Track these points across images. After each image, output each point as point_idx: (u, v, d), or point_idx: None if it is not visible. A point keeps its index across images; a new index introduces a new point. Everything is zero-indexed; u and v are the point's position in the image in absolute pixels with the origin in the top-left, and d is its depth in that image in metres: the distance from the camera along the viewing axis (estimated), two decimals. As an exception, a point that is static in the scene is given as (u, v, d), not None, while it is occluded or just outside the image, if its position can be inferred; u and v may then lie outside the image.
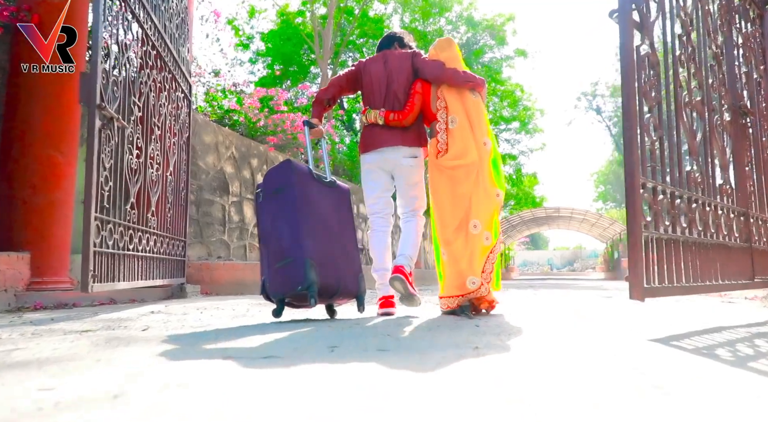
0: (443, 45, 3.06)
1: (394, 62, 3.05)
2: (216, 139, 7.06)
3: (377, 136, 2.96)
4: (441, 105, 2.95)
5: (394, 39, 3.29)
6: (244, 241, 7.61)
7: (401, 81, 3.02)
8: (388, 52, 3.15)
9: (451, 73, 2.93)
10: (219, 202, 7.07)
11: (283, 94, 8.20)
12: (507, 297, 5.32)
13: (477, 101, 2.96)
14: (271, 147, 7.92)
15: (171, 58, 4.72)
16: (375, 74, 3.07)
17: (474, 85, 2.97)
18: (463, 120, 2.88)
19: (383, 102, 3.01)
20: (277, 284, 2.54)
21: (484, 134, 2.93)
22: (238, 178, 7.54)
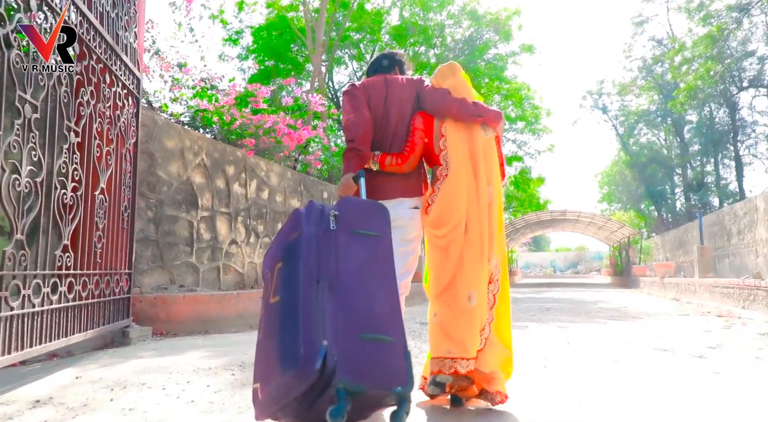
0: (446, 71, 2.46)
1: (396, 91, 2.43)
2: (182, 144, 6.03)
3: (375, 187, 2.33)
4: (444, 144, 2.34)
5: (395, 61, 2.61)
6: (216, 262, 6.57)
7: (404, 115, 2.41)
8: (390, 78, 2.47)
9: (456, 104, 2.34)
10: (185, 217, 6.03)
11: (263, 90, 7.15)
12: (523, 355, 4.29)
13: (489, 141, 2.39)
14: (250, 151, 6.88)
15: (101, 43, 3.69)
16: (373, 100, 2.41)
17: (486, 120, 2.38)
18: (461, 165, 2.29)
19: (380, 140, 2.40)
20: (356, 364, 1.54)
21: (493, 183, 2.33)
22: (209, 188, 6.50)
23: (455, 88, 2.39)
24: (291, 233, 1.80)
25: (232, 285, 6.87)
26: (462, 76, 2.44)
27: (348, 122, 2.31)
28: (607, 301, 10.01)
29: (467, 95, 2.39)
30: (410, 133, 2.36)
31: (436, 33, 18.24)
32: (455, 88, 2.38)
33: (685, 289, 11.69)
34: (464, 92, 2.39)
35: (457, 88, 2.39)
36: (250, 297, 5.56)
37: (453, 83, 2.40)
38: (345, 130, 2.33)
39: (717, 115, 24.01)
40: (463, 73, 2.47)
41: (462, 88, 2.40)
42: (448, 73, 2.43)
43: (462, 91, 2.39)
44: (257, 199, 7.56)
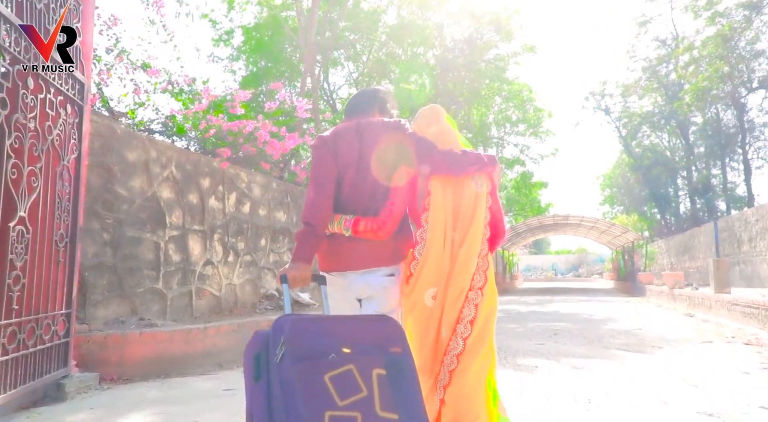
0: (429, 117, 2.19)
1: (372, 141, 2.05)
2: (146, 156, 5.36)
3: (343, 254, 2.06)
4: (428, 203, 2.06)
5: (375, 100, 2.24)
6: (188, 287, 5.90)
7: (380, 165, 2.07)
8: (365, 124, 2.10)
9: (444, 160, 2.05)
10: (150, 238, 5.36)
11: (242, 94, 6.48)
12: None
13: (481, 195, 2.07)
14: (224, 162, 6.20)
15: (19, 40, 3.02)
16: (344, 156, 2.05)
17: (478, 170, 2.08)
18: (440, 230, 2.01)
19: (355, 201, 2.07)
20: None
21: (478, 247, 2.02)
22: (179, 204, 5.83)
23: (440, 135, 2.09)
24: None
25: (206, 310, 6.20)
26: (447, 121, 2.16)
27: (308, 201, 1.99)
28: (617, 319, 9.34)
29: (454, 142, 2.09)
30: (390, 192, 2.01)
31: (435, 33, 17.57)
32: (440, 136, 2.09)
33: (698, 303, 11.02)
34: (450, 140, 2.09)
35: (442, 136, 2.09)
36: (219, 331, 4.89)
37: (438, 130, 2.10)
38: (304, 208, 2.00)
39: (724, 117, 23.35)
40: (447, 117, 2.19)
41: (448, 135, 2.11)
42: (432, 118, 2.15)
43: (448, 138, 2.10)
44: (237, 214, 6.89)
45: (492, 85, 18.00)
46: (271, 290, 7.46)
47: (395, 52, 17.85)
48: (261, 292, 7.35)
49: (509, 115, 20.80)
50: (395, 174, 2.02)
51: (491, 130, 21.34)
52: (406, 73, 17.70)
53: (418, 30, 16.98)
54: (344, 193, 2.03)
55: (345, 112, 2.25)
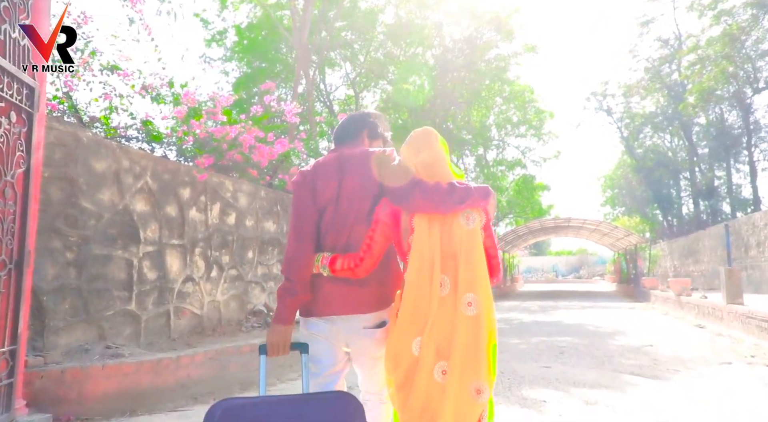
0: (419, 142, 1.96)
1: (354, 173, 1.92)
2: (117, 166, 4.91)
3: (325, 298, 1.87)
4: (412, 241, 1.82)
5: (363, 125, 2.11)
6: (165, 306, 5.45)
7: (361, 203, 1.91)
8: (348, 152, 1.99)
9: (427, 199, 1.80)
10: (121, 256, 4.91)
11: (223, 99, 6.02)
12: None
13: (472, 232, 1.82)
14: (203, 174, 5.75)
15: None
16: (323, 193, 1.92)
17: (470, 206, 1.83)
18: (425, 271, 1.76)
19: (334, 239, 1.91)
20: None
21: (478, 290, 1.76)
22: (156, 217, 5.38)
23: (429, 164, 1.90)
24: None
25: (187, 331, 5.75)
26: (438, 147, 1.95)
27: (287, 253, 1.89)
28: (625, 332, 8.89)
29: (444, 172, 1.90)
30: (370, 227, 1.86)
31: (434, 32, 17.14)
32: (429, 165, 1.90)
33: (708, 313, 10.57)
34: (439, 170, 1.90)
35: (432, 165, 1.90)
36: (194, 360, 4.44)
37: (428, 158, 1.91)
38: (284, 260, 1.89)
39: (729, 118, 22.91)
40: (441, 141, 1.97)
41: (438, 164, 1.91)
42: (422, 144, 1.94)
43: (437, 168, 1.90)
44: (221, 225, 6.44)
45: (492, 86, 17.58)
46: (259, 305, 7.02)
47: (393, 52, 17.43)
48: (248, 308, 6.91)
49: (510, 116, 20.36)
50: (379, 206, 1.86)
51: (491, 131, 20.90)
52: (404, 73, 17.29)
53: (417, 29, 16.56)
54: (323, 229, 1.90)
55: (333, 140, 2.12)
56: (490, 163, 21.99)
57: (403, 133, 12.54)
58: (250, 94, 15.67)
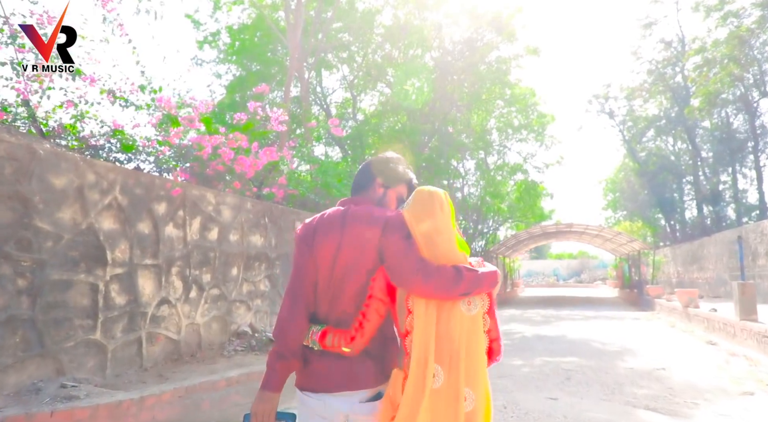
0: (423, 207, 1.75)
1: (354, 236, 1.74)
2: (80, 181, 4.45)
3: (315, 373, 1.75)
4: (410, 325, 1.64)
5: (377, 172, 1.90)
6: (136, 333, 4.99)
7: (359, 274, 1.73)
8: (352, 212, 1.78)
9: (429, 284, 1.62)
10: (84, 280, 4.45)
11: (201, 105, 5.56)
12: None
13: (474, 319, 1.66)
14: (176, 188, 5.28)
15: None
16: (321, 253, 1.77)
17: (473, 290, 1.65)
18: (421, 361, 1.59)
19: (326, 309, 1.76)
20: None
21: (477, 384, 1.62)
22: (126, 236, 4.92)
23: (433, 236, 1.75)
24: None
25: (161, 358, 5.29)
26: (443, 215, 1.77)
27: (280, 315, 1.77)
28: (633, 350, 8.41)
29: (447, 247, 1.74)
30: (364, 302, 1.73)
31: (433, 34, 16.68)
32: (433, 237, 1.75)
33: (719, 328, 10.10)
34: (444, 244, 1.74)
35: (435, 238, 1.75)
36: (161, 400, 3.98)
37: (430, 229, 1.75)
38: (276, 322, 1.79)
39: (734, 121, 22.45)
40: (449, 204, 1.81)
41: (442, 237, 1.75)
42: (427, 210, 1.77)
43: (441, 242, 1.74)
44: (201, 242, 5.98)
45: (493, 89, 17.12)
46: (243, 326, 6.55)
47: (391, 54, 16.98)
48: (231, 329, 6.44)
49: (511, 119, 19.89)
50: (374, 278, 1.72)
51: (492, 134, 20.44)
52: (403, 76, 16.84)
53: (416, 31, 16.11)
54: (318, 295, 1.78)
55: None
56: (491, 168, 21.54)
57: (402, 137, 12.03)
58: (244, 97, 15.22)
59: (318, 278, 1.77)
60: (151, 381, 4.66)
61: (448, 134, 16.80)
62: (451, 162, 17.90)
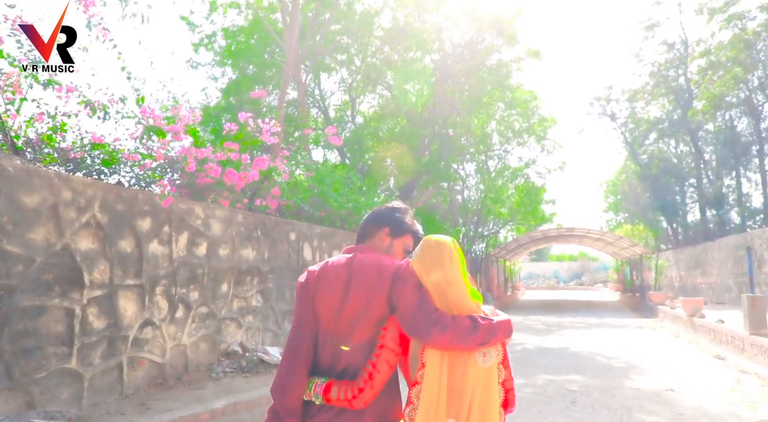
0: (432, 257, 1.72)
1: (362, 285, 1.71)
2: (55, 199, 4.17)
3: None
4: (421, 376, 1.63)
5: (384, 221, 1.91)
6: (117, 358, 4.71)
7: (365, 326, 1.70)
8: (359, 260, 1.77)
9: (446, 335, 1.59)
10: (58, 305, 4.16)
11: (187, 116, 5.28)
12: None
13: (489, 371, 1.64)
14: (169, 198, 5.01)
15: None
16: (324, 301, 1.74)
17: (489, 341, 1.64)
18: (431, 414, 1.56)
19: (329, 360, 1.72)
20: None
21: None
22: (105, 255, 4.63)
23: (443, 287, 1.68)
24: None
25: (144, 383, 5.00)
26: (452, 265, 1.70)
27: (279, 371, 1.72)
28: (639, 367, 8.12)
29: (459, 298, 1.66)
30: (374, 352, 1.67)
31: (433, 36, 16.40)
32: (443, 288, 1.68)
33: (726, 340, 9.82)
34: (456, 295, 1.66)
35: (445, 288, 1.67)
36: (137, 440, 3.69)
37: (440, 280, 1.68)
38: (275, 377, 1.73)
39: (738, 125, 22.16)
40: (457, 253, 1.73)
41: (452, 288, 1.65)
42: (436, 261, 1.70)
43: (453, 293, 1.65)
44: (188, 258, 5.70)
45: (493, 93, 16.83)
46: (234, 345, 6.27)
47: (391, 56, 16.69)
48: (221, 348, 6.16)
49: (512, 123, 19.60)
50: (386, 328, 1.69)
51: (492, 137, 20.14)
52: (402, 79, 16.56)
53: (415, 33, 15.82)
54: (321, 343, 1.74)
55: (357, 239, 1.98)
56: (491, 172, 21.25)
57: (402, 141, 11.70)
58: (240, 101, 14.94)
59: (320, 328, 1.74)
60: (131, 410, 4.38)
61: (448, 138, 16.52)
62: (451, 165, 17.60)
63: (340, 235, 9.58)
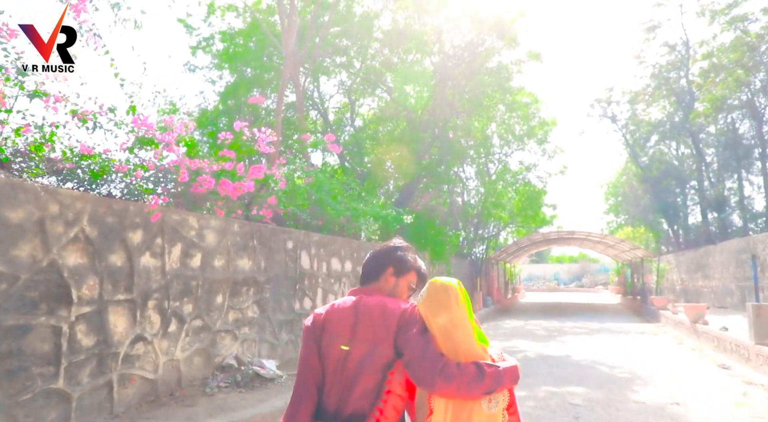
0: (435, 301, 1.70)
1: (367, 328, 1.73)
2: (41, 213, 4.03)
3: None
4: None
5: (388, 261, 1.90)
6: (107, 375, 4.56)
7: (372, 367, 1.70)
8: (365, 303, 1.78)
9: (453, 383, 1.57)
10: (45, 323, 4.02)
11: (178, 126, 5.12)
12: None
13: (495, 416, 1.63)
14: (156, 214, 4.86)
15: None
16: (330, 345, 1.75)
17: (496, 388, 1.62)
18: None
19: (336, 405, 1.70)
20: None
21: None
22: (95, 270, 4.49)
23: (450, 330, 1.65)
24: None
25: (136, 401, 4.85)
26: (459, 308, 1.66)
27: (285, 417, 1.73)
28: (643, 377, 7.96)
29: (465, 342, 1.65)
30: (381, 397, 1.67)
31: (433, 38, 16.25)
32: (450, 332, 1.65)
33: (730, 349, 9.68)
34: (462, 339, 1.66)
35: (452, 332, 1.66)
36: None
37: (447, 323, 1.66)
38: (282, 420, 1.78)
39: (741, 127, 22.02)
40: (463, 296, 1.69)
41: (459, 332, 1.66)
42: (442, 304, 1.68)
43: (459, 337, 1.66)
44: (182, 270, 5.55)
45: (494, 96, 16.68)
46: (229, 358, 6.12)
47: (390, 59, 16.54)
48: (215, 362, 6.01)
49: (512, 126, 19.45)
50: (392, 373, 1.69)
51: (493, 139, 19.99)
52: (402, 81, 16.41)
53: (415, 35, 15.68)
54: (327, 386, 1.73)
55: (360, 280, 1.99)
56: (491, 173, 21.10)
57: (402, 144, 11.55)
58: (237, 104, 14.80)
59: (326, 372, 1.74)
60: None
61: (448, 141, 16.37)
62: (451, 169, 17.45)
63: (339, 242, 9.44)
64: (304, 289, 8.16)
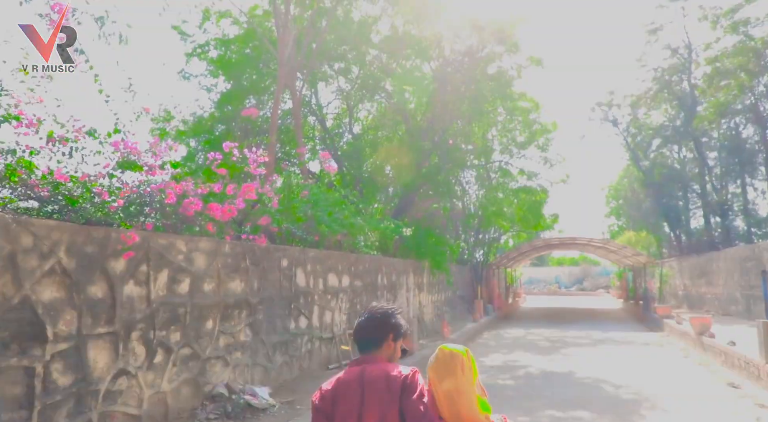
0: (444, 367, 1.86)
1: (374, 400, 1.86)
2: (12, 246, 3.76)
3: None
4: None
5: (387, 329, 2.04)
6: (86, 415, 4.29)
7: None
8: (369, 373, 1.92)
9: None
10: (15, 365, 3.75)
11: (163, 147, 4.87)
12: None
13: None
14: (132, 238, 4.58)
15: None
16: (343, 417, 1.88)
17: None
18: None
19: None
20: None
21: None
22: (72, 304, 4.22)
23: (454, 396, 1.81)
24: None
25: (117, 440, 4.57)
26: (464, 376, 1.84)
27: None
28: (650, 399, 7.69)
29: (468, 408, 1.79)
30: None
31: (432, 44, 16.00)
32: (454, 398, 1.81)
33: (739, 366, 9.40)
34: (465, 404, 1.79)
35: (456, 398, 1.81)
36: None
37: (452, 388, 1.82)
38: None
39: (744, 132, 21.77)
40: (470, 363, 1.87)
41: (463, 398, 1.80)
42: (449, 370, 1.85)
43: (462, 403, 1.79)
44: (169, 297, 5.29)
45: (494, 102, 16.43)
46: (219, 387, 5.85)
47: (389, 65, 16.30)
48: (205, 391, 5.74)
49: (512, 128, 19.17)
50: None
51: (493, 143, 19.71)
52: (401, 87, 16.16)
53: (414, 41, 15.43)
54: None
55: (356, 343, 2.05)
56: (492, 178, 20.83)
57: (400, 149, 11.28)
58: (234, 111, 14.54)
59: None
60: (99, 477, 3.97)
61: (448, 147, 16.11)
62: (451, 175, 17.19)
63: (336, 257, 9.18)
64: (300, 308, 7.89)
